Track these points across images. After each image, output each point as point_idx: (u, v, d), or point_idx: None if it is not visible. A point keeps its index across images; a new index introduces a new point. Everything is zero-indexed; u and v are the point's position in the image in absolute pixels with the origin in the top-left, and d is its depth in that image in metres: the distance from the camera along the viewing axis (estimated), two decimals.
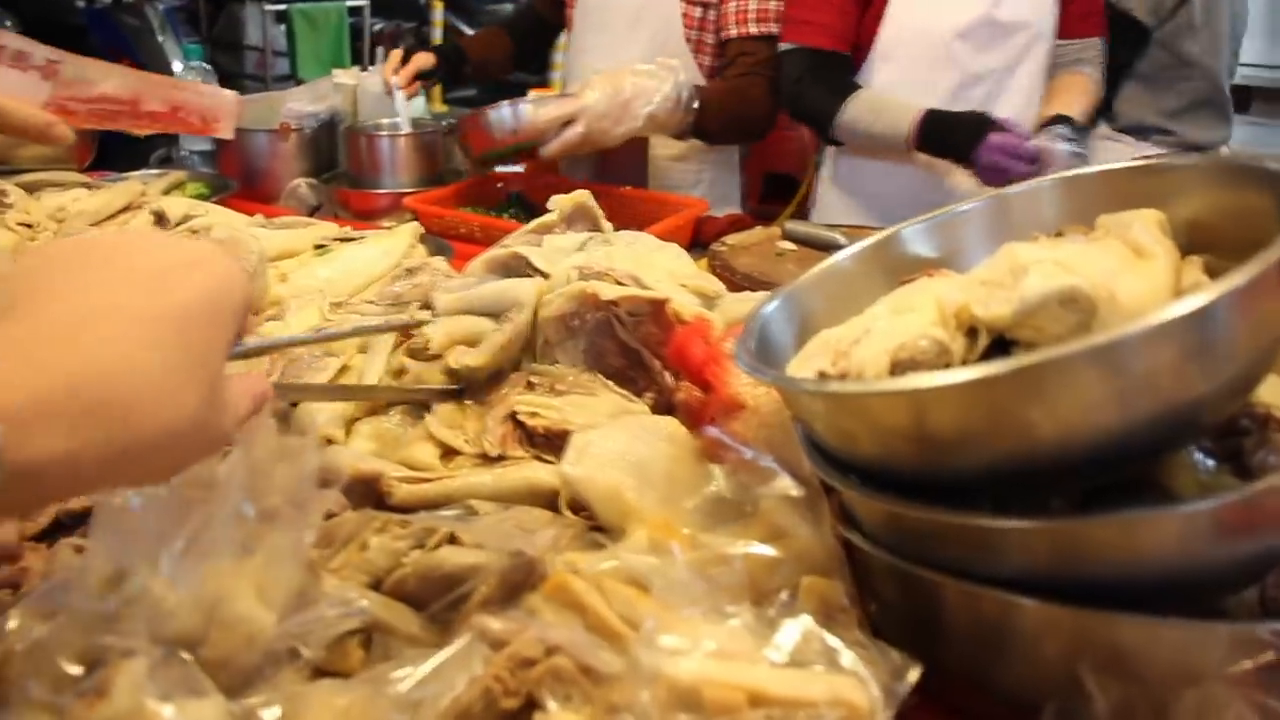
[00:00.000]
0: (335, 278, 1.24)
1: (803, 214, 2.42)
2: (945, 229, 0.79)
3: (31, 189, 1.50)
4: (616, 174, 2.30)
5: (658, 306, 0.90)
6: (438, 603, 0.62)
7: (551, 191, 1.30)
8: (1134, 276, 0.63)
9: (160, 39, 4.88)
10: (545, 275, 0.96)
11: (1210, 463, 0.63)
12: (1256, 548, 0.58)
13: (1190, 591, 0.59)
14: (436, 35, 7.68)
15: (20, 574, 0.83)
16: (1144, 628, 0.56)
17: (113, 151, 2.46)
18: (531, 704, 0.52)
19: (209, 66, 2.51)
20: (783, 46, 2.08)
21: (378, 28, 6.90)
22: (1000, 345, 0.63)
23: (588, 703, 0.52)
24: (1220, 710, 0.51)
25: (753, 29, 2.11)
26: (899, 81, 2.03)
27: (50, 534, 0.87)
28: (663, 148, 2.32)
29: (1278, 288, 0.56)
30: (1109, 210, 0.72)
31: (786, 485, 0.67)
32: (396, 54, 2.36)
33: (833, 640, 0.55)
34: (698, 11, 2.18)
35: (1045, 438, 0.56)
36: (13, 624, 0.62)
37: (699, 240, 1.82)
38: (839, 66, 2.06)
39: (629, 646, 0.54)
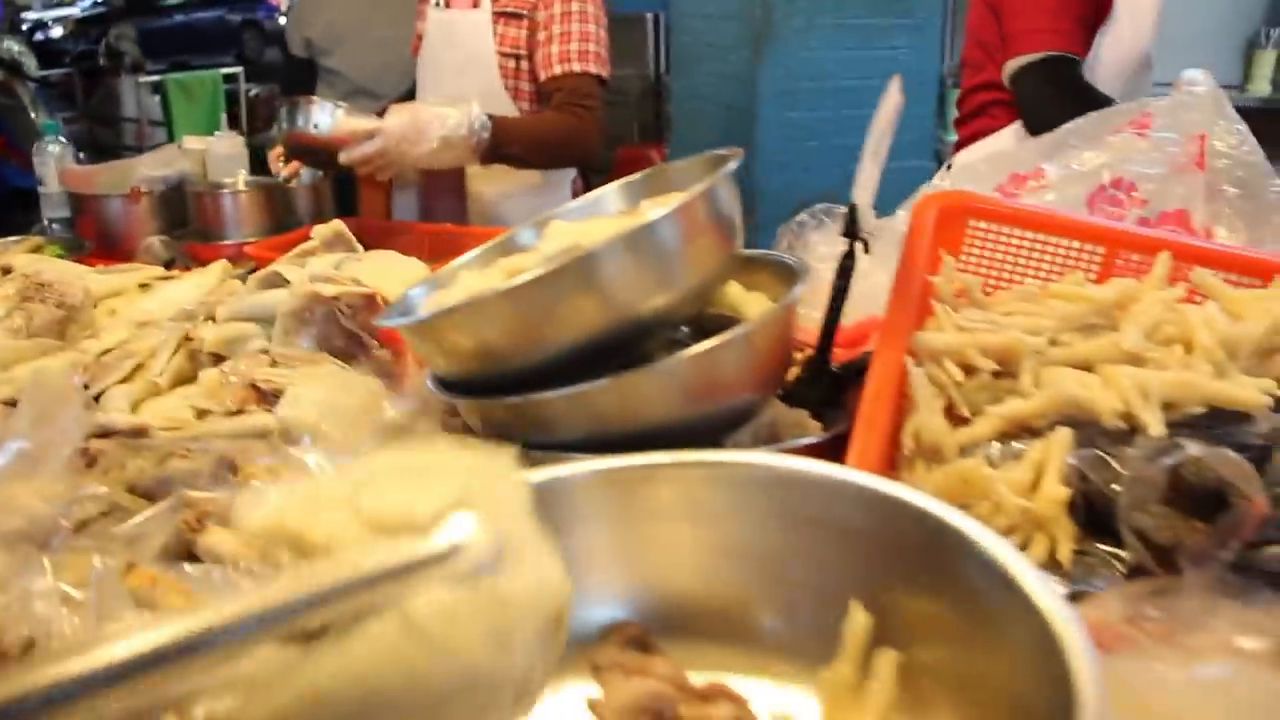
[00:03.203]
0: (154, 308, 1.53)
1: None
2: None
3: None
4: (438, 213, 2.61)
5: (369, 298, 1.21)
6: None
7: (382, 234, 1.57)
8: None
9: (33, 115, 5.08)
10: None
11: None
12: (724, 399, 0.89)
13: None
14: None
15: None
16: None
17: None
18: None
19: (64, 140, 2.74)
20: (1014, 65, 2.02)
21: (254, 93, 7.17)
22: None
23: None
24: None
25: (557, 69, 2.39)
26: None
27: None
28: (487, 185, 2.62)
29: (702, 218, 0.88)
30: None
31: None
32: (276, 153, 2.58)
33: None
34: (512, 63, 2.49)
35: (560, 335, 0.86)
36: None
37: None
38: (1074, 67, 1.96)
39: None
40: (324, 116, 2.16)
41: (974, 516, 0.82)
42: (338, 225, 1.45)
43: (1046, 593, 0.49)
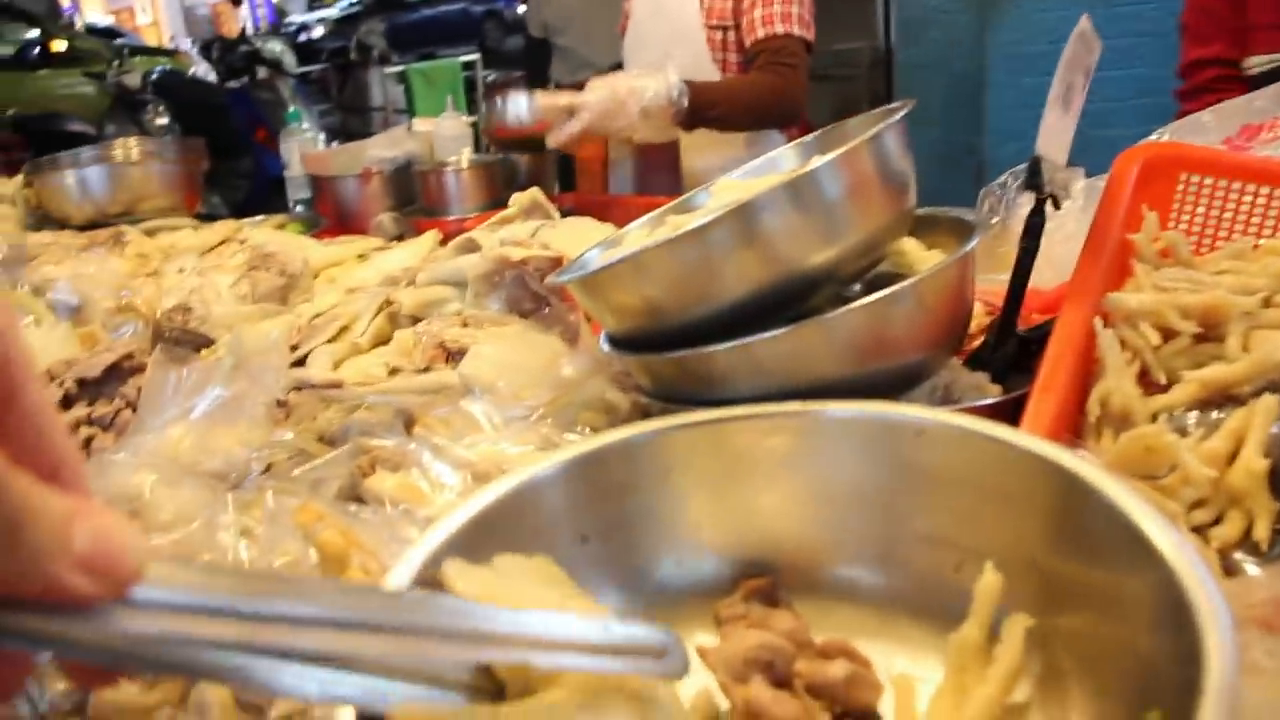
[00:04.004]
0: (368, 276, 1.62)
1: None
2: None
3: (151, 233, 1.94)
4: (653, 187, 2.64)
5: (556, 261, 1.23)
6: None
7: (598, 208, 1.61)
8: None
9: (292, 108, 5.48)
10: None
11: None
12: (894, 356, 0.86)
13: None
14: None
15: None
16: None
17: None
18: None
19: (307, 127, 2.94)
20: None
21: (491, 79, 7.46)
22: None
23: None
24: None
25: (760, 32, 2.38)
26: None
27: None
28: (701, 158, 2.63)
29: (867, 169, 0.85)
30: None
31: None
32: None
33: None
34: (719, 35, 2.50)
35: (723, 290, 0.84)
36: None
37: None
38: None
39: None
40: (522, 106, 2.24)
41: (1159, 489, 0.77)
42: (535, 193, 1.49)
43: (1184, 559, 0.45)
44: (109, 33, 6.76)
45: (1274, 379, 0.81)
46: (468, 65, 7.10)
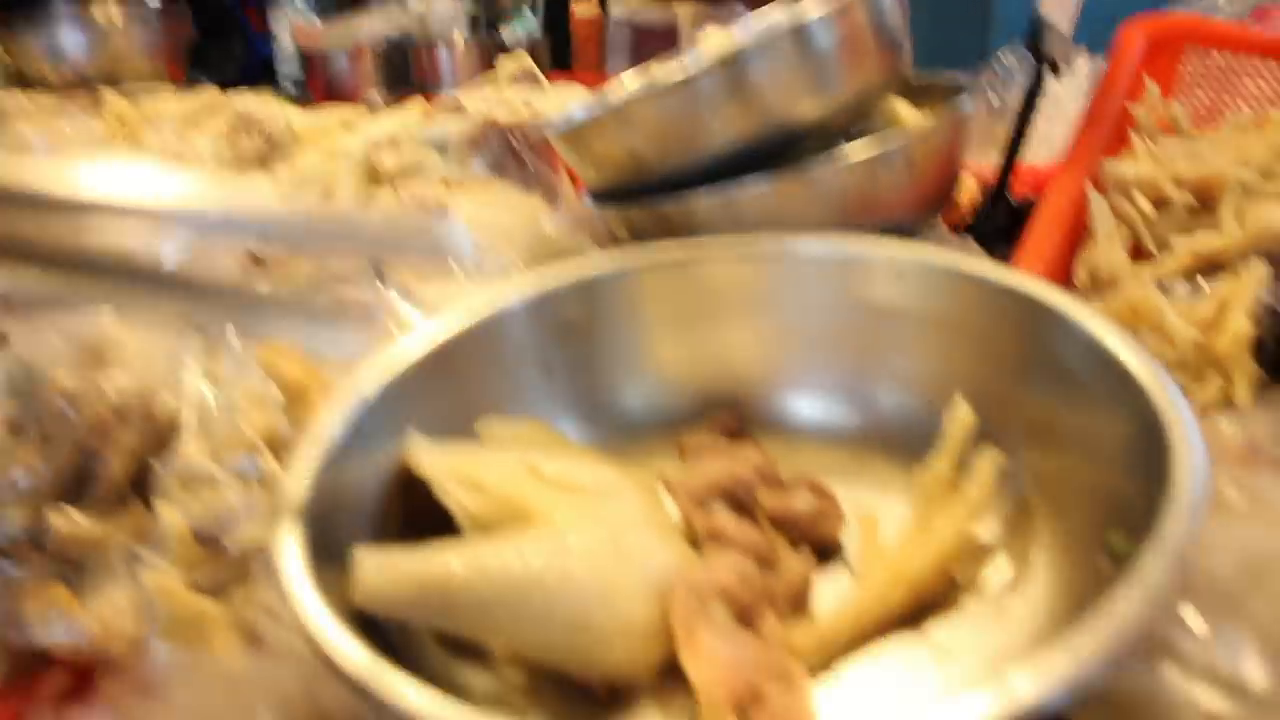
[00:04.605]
0: (353, 143, 1.58)
1: None
2: None
3: (131, 99, 1.89)
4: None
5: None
6: None
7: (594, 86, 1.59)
8: None
9: None
10: None
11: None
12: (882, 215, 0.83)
13: None
14: None
15: None
16: None
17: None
18: None
19: (298, 4, 2.87)
20: None
21: None
22: None
23: None
24: None
25: None
26: None
27: None
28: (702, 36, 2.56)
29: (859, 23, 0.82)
30: None
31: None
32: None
33: None
34: None
35: (707, 140, 0.81)
36: None
37: None
38: None
39: None
40: None
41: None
42: (524, 59, 1.45)
43: (1156, 384, 0.43)
44: None
45: (1268, 250, 0.79)
46: None
